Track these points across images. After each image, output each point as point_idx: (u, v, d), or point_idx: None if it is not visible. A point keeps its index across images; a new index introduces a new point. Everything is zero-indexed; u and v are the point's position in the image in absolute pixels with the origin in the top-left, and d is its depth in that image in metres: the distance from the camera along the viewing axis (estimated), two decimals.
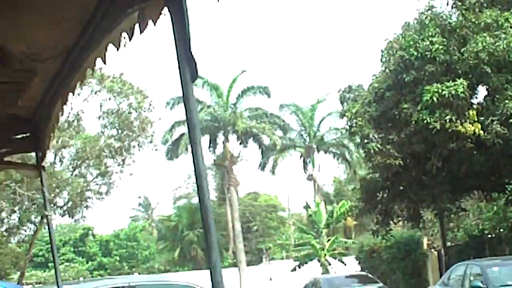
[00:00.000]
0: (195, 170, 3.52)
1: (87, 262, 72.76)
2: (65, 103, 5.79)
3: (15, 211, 31.64)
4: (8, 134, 6.45)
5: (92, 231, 76.40)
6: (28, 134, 6.63)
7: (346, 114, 28.09)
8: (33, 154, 6.95)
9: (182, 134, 53.58)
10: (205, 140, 51.70)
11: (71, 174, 31.93)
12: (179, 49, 3.37)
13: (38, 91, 5.34)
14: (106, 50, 4.41)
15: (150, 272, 64.18)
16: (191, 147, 3.52)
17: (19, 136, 6.65)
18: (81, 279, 41.11)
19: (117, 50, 4.39)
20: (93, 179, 32.68)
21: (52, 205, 28.92)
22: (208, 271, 3.32)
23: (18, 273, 35.07)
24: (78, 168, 32.11)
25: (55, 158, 30.42)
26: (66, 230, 77.92)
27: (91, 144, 30.54)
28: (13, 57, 3.42)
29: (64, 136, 28.75)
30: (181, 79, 3.42)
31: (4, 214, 31.91)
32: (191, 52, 3.39)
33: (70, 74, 5.01)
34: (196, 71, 3.43)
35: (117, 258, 73.82)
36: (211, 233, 3.48)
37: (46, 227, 34.25)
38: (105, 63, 4.51)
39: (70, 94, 5.46)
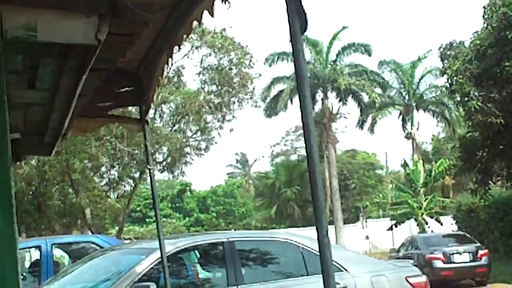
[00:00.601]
0: (303, 123, 3.47)
1: (184, 218, 73.76)
2: (170, 56, 5.80)
3: (114, 167, 32.18)
4: (112, 88, 6.50)
5: (190, 187, 77.28)
6: (132, 88, 6.67)
7: (447, 71, 27.58)
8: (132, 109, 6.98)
9: (281, 91, 53.58)
10: None
11: (171, 130, 32.26)
12: (289, 1, 3.33)
13: (144, 44, 5.34)
14: (213, 3, 4.38)
15: (246, 229, 64.66)
16: (300, 99, 3.47)
17: (123, 90, 6.70)
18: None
19: (223, 2, 4.36)
20: (192, 135, 32.97)
21: (152, 161, 29.28)
22: (305, 229, 3.27)
23: (117, 228, 35.76)
24: (177, 123, 32.42)
25: (155, 114, 30.75)
26: (164, 186, 79.08)
27: (190, 100, 30.72)
28: (126, 7, 3.40)
29: (164, 91, 28.99)
30: (290, 31, 3.37)
31: (104, 169, 32.51)
32: (301, 3, 3.35)
33: (176, 27, 4.99)
34: (306, 23, 3.39)
35: (214, 214, 74.61)
36: (317, 185, 3.42)
37: (145, 183, 34.69)
38: (212, 16, 4.48)
39: (176, 47, 5.46)
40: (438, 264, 25.06)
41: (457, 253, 25.18)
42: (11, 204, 3.23)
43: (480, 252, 25.34)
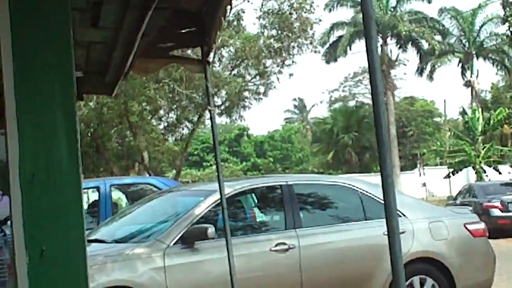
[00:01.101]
0: (369, 65, 3.43)
1: (241, 162, 74.02)
2: None
3: (173, 110, 32.29)
4: (175, 29, 6.48)
5: (247, 132, 77.42)
6: (194, 29, 6.64)
7: (509, 19, 27.09)
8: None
9: (340, 37, 53.23)
10: (362, 44, 51.13)
11: (230, 74, 32.22)
12: None
13: None
14: None
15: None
16: (366, 41, 3.43)
17: (185, 31, 6.67)
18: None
19: None
20: (251, 79, 32.88)
21: (213, 102, 29.23)
22: (362, 175, 3.25)
23: (174, 171, 35.98)
24: (236, 68, 32.36)
25: (214, 57, 30.68)
26: (222, 130, 79.32)
27: (250, 44, 30.58)
28: None
29: (224, 35, 28.88)
30: None
31: (162, 112, 32.65)
32: None
33: None
34: None
35: (271, 159, 74.70)
36: (382, 127, 3.39)
37: (202, 126, 34.77)
38: None
39: None
40: (496, 212, 24.86)
41: None
42: (76, 140, 3.25)
43: None
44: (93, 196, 15.69)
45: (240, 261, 8.49)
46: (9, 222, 6.16)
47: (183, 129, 34.05)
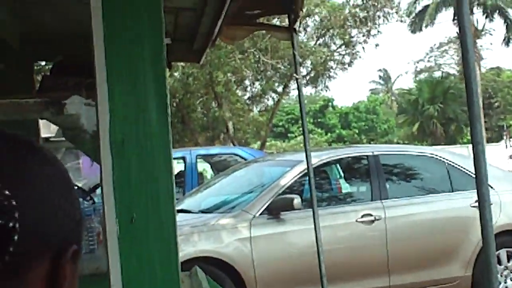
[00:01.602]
0: (459, 28, 3.32)
1: (326, 134, 73.82)
2: None
3: (258, 80, 32.32)
4: None
5: (332, 103, 77.17)
6: None
7: None
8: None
9: (426, 6, 52.47)
10: (448, 13, 50.36)
11: (315, 43, 32.10)
12: None
13: None
14: None
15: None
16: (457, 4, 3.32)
17: None
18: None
19: None
20: (336, 49, 32.69)
21: (299, 70, 29.23)
22: (448, 147, 3.15)
23: (259, 142, 36.10)
24: (322, 37, 32.20)
25: (299, 27, 30.51)
26: (306, 101, 78.91)
27: (335, 13, 30.40)
28: None
29: (309, 4, 28.71)
30: None
31: (247, 83, 32.74)
32: None
33: None
34: None
35: (356, 130, 74.35)
36: (472, 94, 3.29)
37: (287, 97, 34.76)
38: None
39: None
40: None
41: None
42: (166, 106, 3.23)
43: None
44: (179, 166, 15.86)
45: (326, 232, 8.45)
46: (98, 190, 6.22)
47: (268, 99, 34.10)
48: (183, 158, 15.58)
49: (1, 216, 1.04)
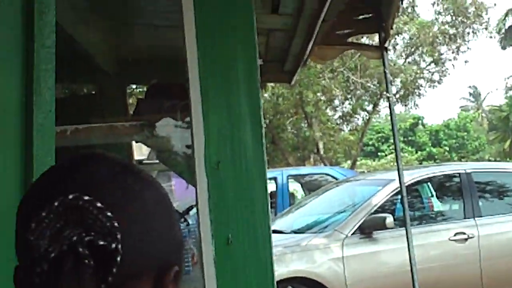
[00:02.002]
0: None
1: (416, 152, 72.94)
2: None
3: (348, 99, 32.20)
4: (352, 15, 6.42)
5: (422, 121, 76.29)
6: (371, 15, 6.56)
7: None
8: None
9: None
10: None
11: (404, 61, 31.89)
12: None
13: None
14: None
15: None
16: None
17: (362, 17, 6.61)
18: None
19: None
20: (426, 67, 32.38)
21: (385, 92, 29.11)
22: None
23: (349, 161, 35.93)
24: (411, 55, 31.98)
25: (388, 45, 30.37)
26: (396, 119, 78.18)
27: (424, 30, 30.15)
28: None
29: (398, 22, 28.52)
30: None
31: (337, 102, 32.63)
32: None
33: None
34: None
35: (447, 148, 73.23)
36: None
37: (377, 116, 34.43)
38: None
39: None
40: None
41: None
42: (261, 126, 3.24)
43: None
44: (270, 187, 15.86)
45: (418, 251, 8.34)
46: (191, 212, 6.28)
47: (358, 118, 33.92)
48: (275, 179, 15.59)
49: (104, 237, 1.06)
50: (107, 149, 5.47)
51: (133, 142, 5.55)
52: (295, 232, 10.05)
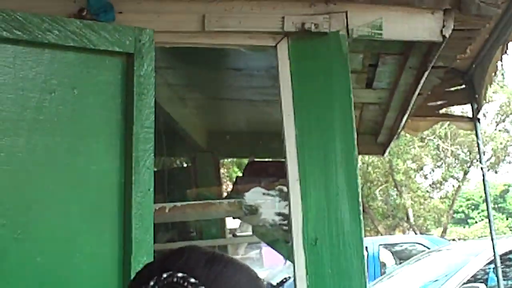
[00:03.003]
0: None
1: (506, 219, 71.54)
2: (505, 52, 5.57)
3: (438, 167, 31.93)
4: (445, 87, 6.40)
5: None
6: (463, 86, 6.54)
7: None
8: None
9: None
10: None
11: (495, 129, 31.54)
12: None
13: (480, 39, 5.18)
14: None
15: None
16: None
17: (454, 89, 6.58)
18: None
19: None
20: None
21: (476, 160, 28.76)
22: None
23: (439, 228, 35.43)
24: (501, 122, 31.62)
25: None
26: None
27: None
28: (471, 1, 3.29)
29: (488, 91, 28.32)
30: None
31: (427, 169, 32.38)
32: None
33: None
34: None
35: None
36: None
37: (467, 183, 33.85)
38: None
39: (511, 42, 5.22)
40: None
41: None
42: (359, 202, 3.24)
43: None
44: None
45: None
46: (285, 284, 6.28)
47: (448, 186, 33.54)
48: (366, 248, 15.45)
49: None
50: (203, 220, 5.54)
51: None
52: None
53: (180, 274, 1.12)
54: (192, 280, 1.11)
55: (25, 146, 2.56)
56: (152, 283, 1.12)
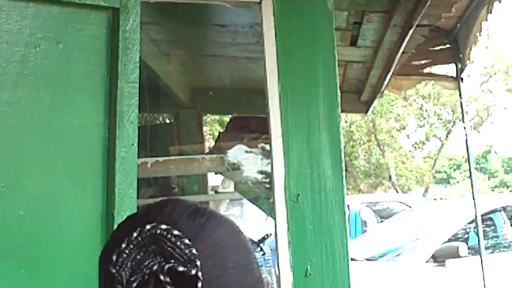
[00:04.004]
0: None
1: (488, 179, 71.92)
2: (490, 12, 5.57)
3: (420, 127, 32.01)
4: (428, 46, 6.40)
5: (493, 148, 75.25)
6: (448, 46, 6.54)
7: None
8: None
9: None
10: None
11: (479, 90, 31.63)
12: None
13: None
14: None
15: None
16: None
17: (438, 48, 6.59)
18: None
19: None
20: (499, 95, 32.05)
21: (459, 120, 28.87)
22: None
23: (421, 188, 35.61)
24: (485, 83, 31.68)
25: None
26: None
27: (498, 60, 29.88)
28: None
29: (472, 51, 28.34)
30: None
31: (409, 129, 32.47)
32: None
33: None
34: None
35: None
36: None
37: (448, 143, 34.02)
38: None
39: (497, 2, 5.23)
40: None
41: None
42: (341, 159, 3.26)
43: None
44: None
45: (492, 280, 8.24)
46: (266, 241, 6.30)
47: (430, 146, 33.66)
48: (347, 206, 15.52)
49: (183, 263, 1.09)
50: (185, 177, 5.55)
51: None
52: (368, 259, 9.99)
53: (163, 226, 1.12)
54: (176, 232, 1.11)
55: (8, 100, 2.55)
56: (135, 234, 1.11)
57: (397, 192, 29.60)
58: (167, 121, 6.61)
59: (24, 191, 2.56)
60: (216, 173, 4.41)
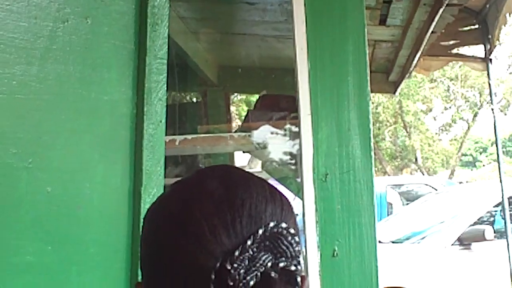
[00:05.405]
0: None
1: None
2: None
3: (447, 109, 31.87)
4: (458, 26, 6.35)
5: None
6: (476, 26, 6.49)
7: None
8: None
9: None
10: None
11: (507, 72, 31.41)
12: None
13: None
14: None
15: None
16: None
17: (466, 28, 6.54)
18: None
19: None
20: None
21: (486, 103, 28.70)
22: None
23: (447, 171, 35.49)
24: None
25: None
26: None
27: None
28: None
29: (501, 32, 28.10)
30: None
31: (436, 111, 32.33)
32: None
33: None
34: None
35: None
36: None
37: (476, 126, 33.82)
38: None
39: None
40: None
41: None
42: (370, 138, 3.23)
43: None
44: None
45: None
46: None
47: (457, 128, 33.53)
48: None
49: (292, 262, 1.08)
50: (211, 157, 5.54)
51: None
52: (393, 242, 9.97)
53: (284, 225, 1.08)
54: (292, 231, 1.09)
55: (37, 75, 2.54)
56: (260, 231, 1.07)
57: (423, 174, 29.53)
58: (195, 99, 6.59)
59: (51, 167, 2.55)
60: (244, 152, 4.39)
